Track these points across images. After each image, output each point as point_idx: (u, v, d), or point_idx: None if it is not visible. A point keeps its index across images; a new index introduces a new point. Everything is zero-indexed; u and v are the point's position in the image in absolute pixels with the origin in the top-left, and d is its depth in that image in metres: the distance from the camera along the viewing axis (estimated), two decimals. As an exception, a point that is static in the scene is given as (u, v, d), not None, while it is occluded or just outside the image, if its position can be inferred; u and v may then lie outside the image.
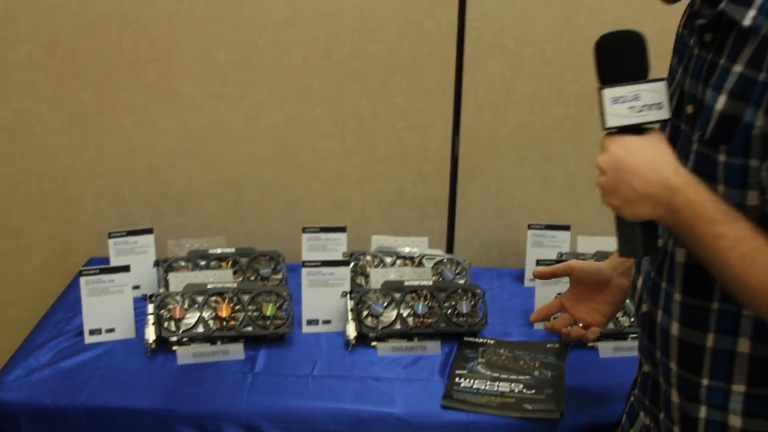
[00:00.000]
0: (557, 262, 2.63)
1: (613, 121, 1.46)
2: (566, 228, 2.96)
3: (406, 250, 2.85)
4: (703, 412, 1.57)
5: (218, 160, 3.11)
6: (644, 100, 1.45)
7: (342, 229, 2.86)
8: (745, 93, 1.38)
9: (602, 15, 3.03)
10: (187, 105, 3.05)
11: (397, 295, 2.50)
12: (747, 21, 1.39)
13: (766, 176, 1.36)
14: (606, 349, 2.49)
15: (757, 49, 1.37)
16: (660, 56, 1.64)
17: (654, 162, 1.43)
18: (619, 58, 1.49)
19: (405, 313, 2.50)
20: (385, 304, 2.49)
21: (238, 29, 2.99)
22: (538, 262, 2.63)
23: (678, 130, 1.55)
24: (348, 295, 2.53)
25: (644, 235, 1.49)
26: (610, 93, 1.46)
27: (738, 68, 1.40)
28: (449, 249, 3.21)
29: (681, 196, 1.39)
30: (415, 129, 3.10)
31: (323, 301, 2.57)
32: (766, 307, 1.36)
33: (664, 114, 1.46)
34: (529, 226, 2.96)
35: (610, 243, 2.91)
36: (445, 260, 2.80)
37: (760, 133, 1.36)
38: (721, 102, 1.42)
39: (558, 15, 3.03)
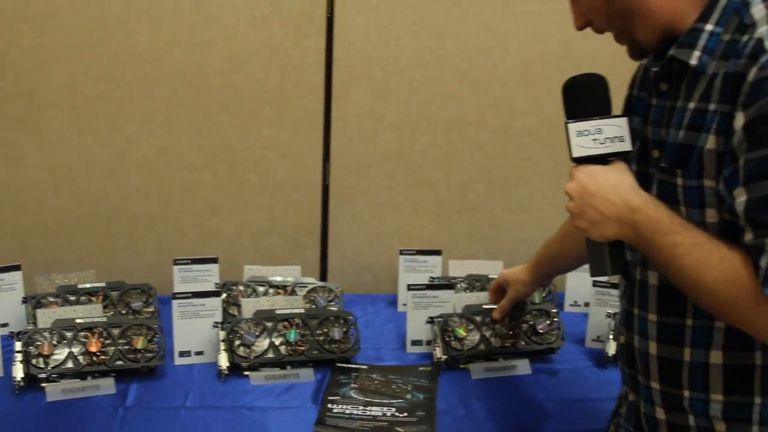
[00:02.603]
0: (428, 287, 2.68)
1: (578, 152, 1.62)
2: (437, 253, 3.01)
3: (279, 279, 2.85)
4: (692, 420, 1.67)
5: (87, 194, 3.08)
6: (606, 133, 1.61)
7: (214, 260, 2.86)
8: (698, 124, 1.53)
9: (467, 44, 3.11)
10: (55, 139, 3.03)
11: (269, 324, 2.51)
12: (694, 60, 1.55)
13: (723, 188, 1.49)
14: (477, 371, 2.53)
15: (707, 84, 1.53)
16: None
17: (615, 186, 1.58)
18: (584, 97, 1.65)
19: (277, 341, 2.50)
20: (257, 333, 2.49)
21: (105, 62, 2.97)
22: (409, 287, 2.66)
23: (649, 176, 1.66)
24: (219, 326, 2.53)
25: (611, 254, 1.63)
26: (574, 127, 1.62)
27: (692, 105, 1.56)
28: (323, 277, 3.23)
29: (641, 214, 1.55)
30: (285, 158, 3.12)
31: (195, 332, 2.55)
32: (722, 305, 1.49)
33: (626, 146, 1.62)
34: (401, 252, 3.00)
35: (480, 266, 2.99)
36: (317, 288, 2.81)
37: (710, 155, 1.50)
38: (678, 136, 1.57)
39: (424, 44, 3.09)
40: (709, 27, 1.54)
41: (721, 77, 1.50)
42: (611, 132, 1.62)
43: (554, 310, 2.65)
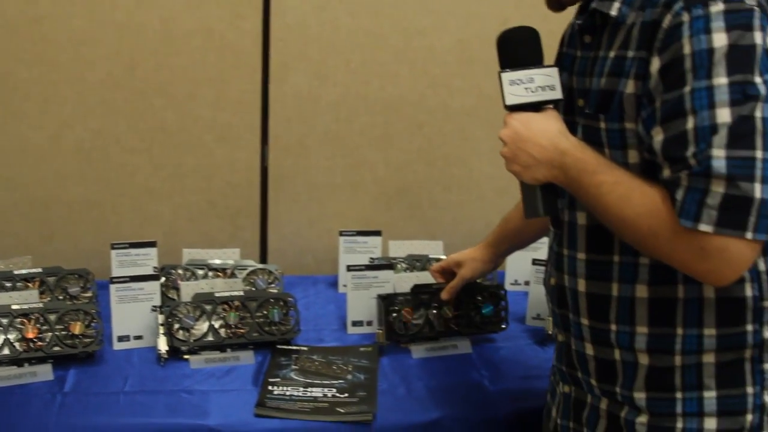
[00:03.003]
0: (368, 267, 2.68)
1: (511, 100, 1.69)
2: (377, 233, 3.01)
3: (218, 262, 2.84)
4: (617, 354, 1.75)
5: (22, 179, 3.04)
6: (538, 82, 1.69)
7: (152, 244, 2.83)
8: (618, 70, 1.63)
9: (405, 24, 3.10)
10: (-13, 124, 2.98)
11: (208, 307, 2.49)
12: (614, 11, 1.65)
13: (641, 128, 1.59)
14: (418, 350, 2.54)
15: (626, 34, 1.63)
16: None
17: (546, 131, 1.67)
18: (516, 48, 1.72)
19: (217, 324, 2.49)
20: (196, 316, 2.48)
21: (38, 45, 2.93)
22: (349, 268, 2.66)
23: (575, 124, 1.74)
24: (158, 310, 2.51)
25: (544, 196, 1.72)
26: (507, 76, 1.69)
27: (612, 53, 1.65)
28: (263, 259, 3.22)
29: (569, 156, 1.64)
30: (223, 141, 3.10)
31: (134, 316, 2.53)
32: (643, 238, 1.57)
33: (557, 94, 1.71)
34: (341, 233, 2.99)
35: (420, 246, 2.99)
36: (257, 270, 2.80)
37: (630, 98, 1.60)
38: (600, 83, 1.67)
39: (361, 25, 3.08)
40: None
41: (639, 26, 1.60)
42: (542, 81, 1.70)
43: (503, 292, 2.66)
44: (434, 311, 2.57)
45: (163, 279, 2.72)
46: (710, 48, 1.49)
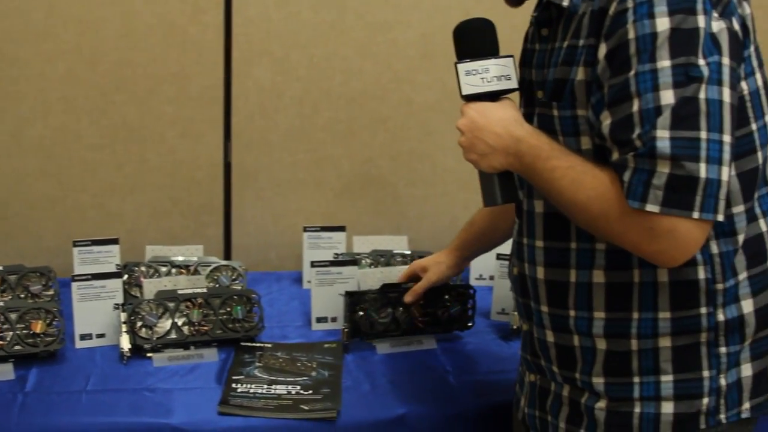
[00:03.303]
0: (332, 263, 2.67)
1: (467, 90, 1.72)
2: (341, 229, 3.00)
3: (181, 258, 2.82)
4: (576, 340, 1.77)
5: (-18, 177, 3.01)
6: (493, 72, 1.72)
7: (114, 241, 2.81)
8: (570, 59, 1.66)
9: (368, 18, 3.10)
10: (-54, 121, 2.95)
11: (171, 305, 2.47)
12: (565, 2, 1.68)
13: (591, 114, 1.62)
14: (383, 346, 2.53)
15: (577, 24, 1.66)
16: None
17: (502, 120, 1.69)
18: (472, 39, 1.76)
19: (180, 322, 2.47)
20: (159, 314, 2.46)
21: (-4, 41, 2.90)
22: (313, 264, 2.65)
23: (533, 116, 1.77)
24: (121, 307, 2.49)
25: (501, 184, 1.74)
26: (463, 67, 1.72)
27: (565, 43, 1.68)
28: (226, 255, 3.20)
29: (524, 143, 1.66)
30: (185, 137, 3.08)
31: (96, 314, 2.51)
32: (594, 220, 1.60)
33: (513, 84, 1.73)
34: (305, 229, 2.98)
35: (384, 241, 2.99)
36: (220, 267, 2.78)
37: (580, 85, 1.64)
38: (553, 73, 1.70)
39: (324, 19, 3.07)
40: None
41: (589, 15, 1.63)
42: (498, 71, 1.72)
43: (472, 291, 2.65)
44: (401, 310, 2.56)
45: (125, 276, 2.70)
46: (653, 32, 1.52)
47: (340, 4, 3.07)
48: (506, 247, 2.31)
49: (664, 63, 1.51)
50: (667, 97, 1.50)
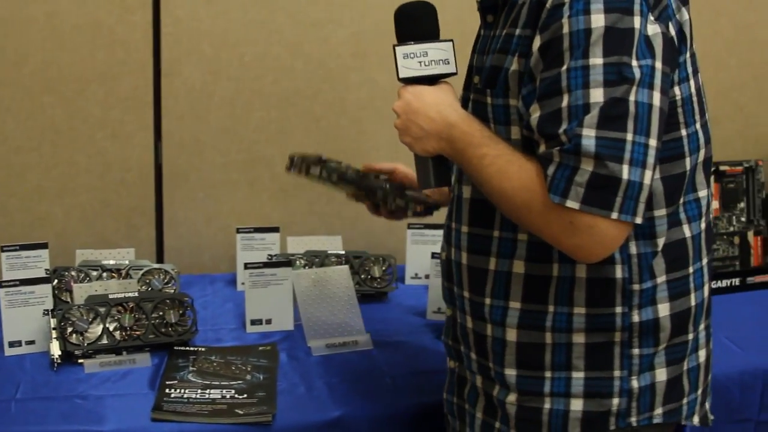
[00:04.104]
0: (265, 265, 2.64)
1: (404, 73, 1.73)
2: (275, 230, 2.98)
3: (112, 262, 2.78)
4: (489, 329, 1.79)
5: None
6: (432, 56, 1.73)
7: (43, 246, 2.75)
8: (505, 48, 1.68)
9: (299, 17, 3.08)
10: None
11: (102, 309, 2.43)
12: None
13: (521, 105, 1.64)
14: (318, 348, 2.51)
15: (516, 12, 1.67)
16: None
17: (437, 104, 1.70)
18: (412, 22, 1.76)
19: (111, 327, 2.43)
20: (90, 319, 2.42)
21: None
22: (246, 266, 2.63)
23: (469, 103, 1.80)
24: (50, 313, 2.44)
25: (435, 168, 1.76)
26: (401, 50, 1.73)
27: (503, 31, 1.70)
28: (159, 258, 3.16)
29: (456, 129, 1.67)
30: (115, 138, 3.03)
31: (25, 321, 2.46)
32: (517, 210, 1.61)
33: (451, 69, 1.75)
34: (238, 230, 2.95)
35: (318, 242, 2.97)
36: (152, 270, 2.74)
37: (514, 75, 1.65)
38: (490, 60, 1.72)
39: (254, 18, 3.05)
40: None
41: (528, 5, 1.64)
42: (437, 55, 1.73)
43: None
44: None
45: (55, 281, 2.65)
46: (588, 28, 1.52)
47: (271, 3, 3.05)
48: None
49: (597, 60, 1.51)
50: (597, 95, 1.50)
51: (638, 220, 1.53)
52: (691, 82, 1.68)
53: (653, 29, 1.54)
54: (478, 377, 1.86)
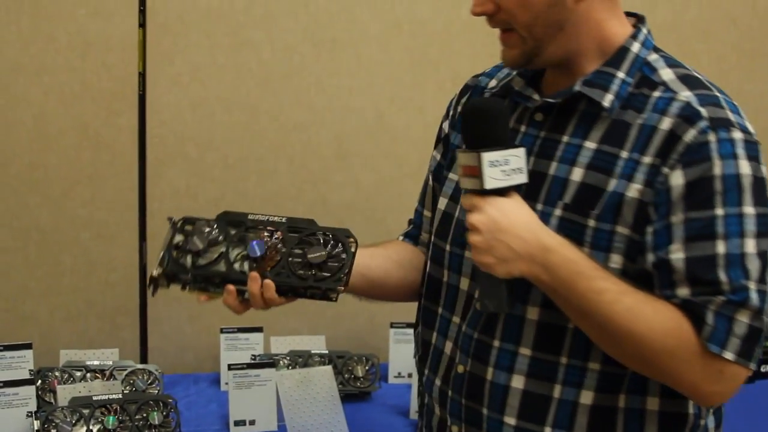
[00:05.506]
0: (249, 366, 2.65)
1: (491, 184, 1.52)
2: (259, 330, 2.99)
3: (96, 363, 2.78)
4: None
5: None
6: (512, 164, 1.54)
7: (27, 346, 2.75)
8: (605, 167, 1.56)
9: (282, 119, 3.13)
10: None
11: (86, 411, 2.43)
12: (607, 102, 1.59)
13: (650, 239, 1.52)
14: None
15: (610, 128, 1.58)
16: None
17: (528, 223, 1.53)
18: (493, 124, 1.56)
19: (95, 429, 2.42)
20: (74, 421, 2.41)
21: None
22: (230, 367, 2.63)
23: (540, 213, 1.62)
24: (33, 415, 2.44)
25: (509, 290, 1.57)
26: (488, 156, 1.52)
27: (592, 145, 1.59)
28: (143, 358, 3.16)
29: (556, 255, 1.51)
30: (100, 239, 3.06)
31: (8, 423, 2.45)
32: (655, 355, 1.50)
33: (524, 178, 1.56)
34: (222, 330, 2.96)
35: (302, 342, 2.98)
36: (136, 371, 2.75)
37: (632, 203, 1.53)
38: (577, 174, 1.59)
39: (238, 121, 3.09)
40: (620, 74, 1.61)
41: (637, 128, 1.56)
42: (516, 163, 1.55)
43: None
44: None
45: (39, 382, 2.65)
46: (738, 173, 1.49)
47: (254, 106, 3.10)
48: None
49: (749, 209, 1.49)
50: (751, 246, 1.49)
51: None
52: None
53: None
54: None
